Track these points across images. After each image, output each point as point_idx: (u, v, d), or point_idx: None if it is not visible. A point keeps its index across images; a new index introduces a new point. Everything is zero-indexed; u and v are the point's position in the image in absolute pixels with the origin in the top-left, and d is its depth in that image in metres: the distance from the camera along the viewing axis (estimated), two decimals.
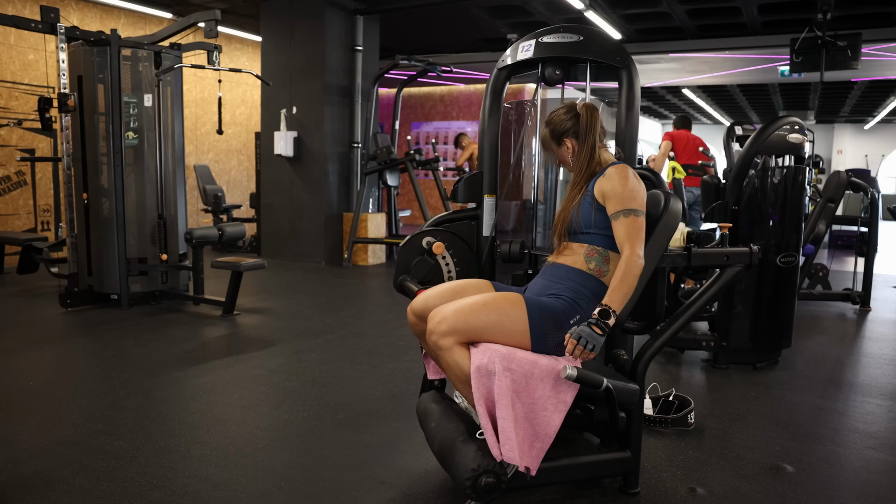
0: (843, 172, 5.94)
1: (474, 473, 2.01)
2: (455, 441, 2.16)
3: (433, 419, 2.38)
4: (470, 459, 2.04)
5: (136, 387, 3.46)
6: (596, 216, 2.28)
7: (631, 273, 2.13)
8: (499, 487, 2.03)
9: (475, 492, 2.02)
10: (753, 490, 2.50)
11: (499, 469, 2.03)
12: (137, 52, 5.32)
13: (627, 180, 2.25)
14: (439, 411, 2.39)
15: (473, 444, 2.10)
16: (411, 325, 2.42)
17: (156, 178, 5.47)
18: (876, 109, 17.61)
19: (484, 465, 2.01)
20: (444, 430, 2.26)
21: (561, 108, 2.47)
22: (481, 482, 2.01)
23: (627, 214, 2.20)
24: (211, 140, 10.27)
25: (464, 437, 2.16)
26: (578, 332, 2.05)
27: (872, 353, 4.59)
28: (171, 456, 2.64)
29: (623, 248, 2.19)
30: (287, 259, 8.16)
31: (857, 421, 3.27)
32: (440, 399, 2.49)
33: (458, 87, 13.14)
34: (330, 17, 7.81)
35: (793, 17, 8.06)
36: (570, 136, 2.42)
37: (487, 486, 2.02)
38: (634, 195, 2.23)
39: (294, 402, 3.29)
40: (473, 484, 2.01)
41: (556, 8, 8.04)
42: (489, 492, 2.02)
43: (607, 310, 2.09)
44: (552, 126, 2.46)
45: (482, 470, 2.01)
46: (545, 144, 2.51)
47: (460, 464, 2.07)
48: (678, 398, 3.22)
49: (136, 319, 4.99)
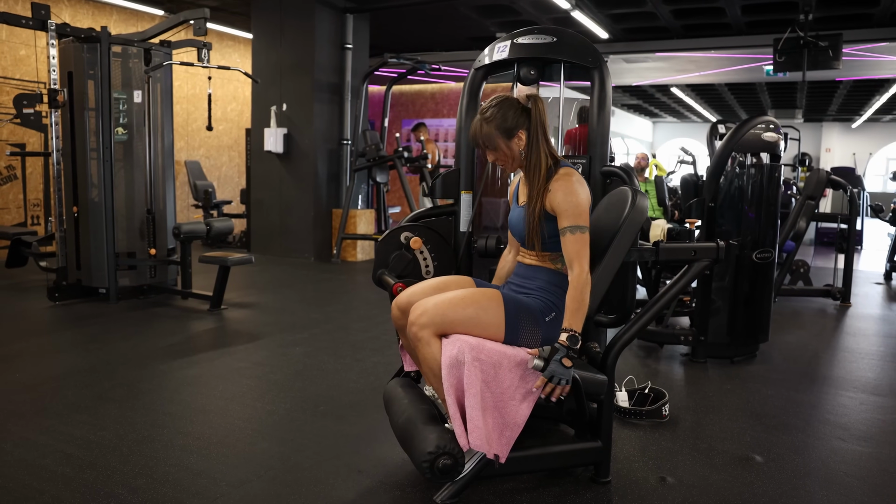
0: (822, 170, 6.03)
1: (431, 455, 2.05)
2: (417, 423, 2.20)
3: (398, 402, 2.42)
4: (429, 441, 2.08)
5: (121, 379, 3.51)
6: (549, 227, 2.28)
7: (584, 293, 2.16)
8: (456, 470, 2.07)
9: (432, 473, 2.05)
10: (722, 479, 2.58)
11: (457, 452, 2.07)
12: (128, 49, 5.37)
13: (573, 194, 2.21)
14: (406, 396, 2.43)
15: (435, 427, 2.13)
16: (394, 319, 2.46)
17: (145, 174, 5.52)
18: (862, 108, 17.75)
19: (443, 446, 2.05)
20: (407, 412, 2.31)
21: (498, 101, 2.30)
22: (439, 463, 2.05)
23: (574, 231, 2.19)
24: (202, 136, 10.30)
25: (426, 419, 2.20)
26: (550, 371, 2.08)
27: (849, 347, 4.68)
28: (154, 445, 2.70)
29: (572, 265, 2.19)
30: (276, 254, 8.21)
31: (829, 413, 3.35)
32: (408, 385, 2.53)
33: (448, 84, 13.18)
34: (320, 15, 7.86)
35: (776, 17, 8.15)
36: (524, 130, 2.29)
37: (445, 468, 2.05)
38: (581, 209, 2.21)
39: (277, 394, 3.35)
40: (431, 465, 2.05)
41: (543, 7, 8.10)
42: (446, 473, 2.06)
43: (574, 335, 2.12)
44: (499, 118, 2.27)
45: (440, 451, 2.05)
46: (486, 142, 2.31)
47: (419, 445, 2.11)
48: (653, 391, 3.29)
49: (123, 313, 5.04)
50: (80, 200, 5.37)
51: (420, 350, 2.23)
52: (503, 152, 2.33)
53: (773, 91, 15.31)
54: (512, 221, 2.48)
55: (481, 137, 2.32)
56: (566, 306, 2.17)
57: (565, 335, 2.12)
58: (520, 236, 2.39)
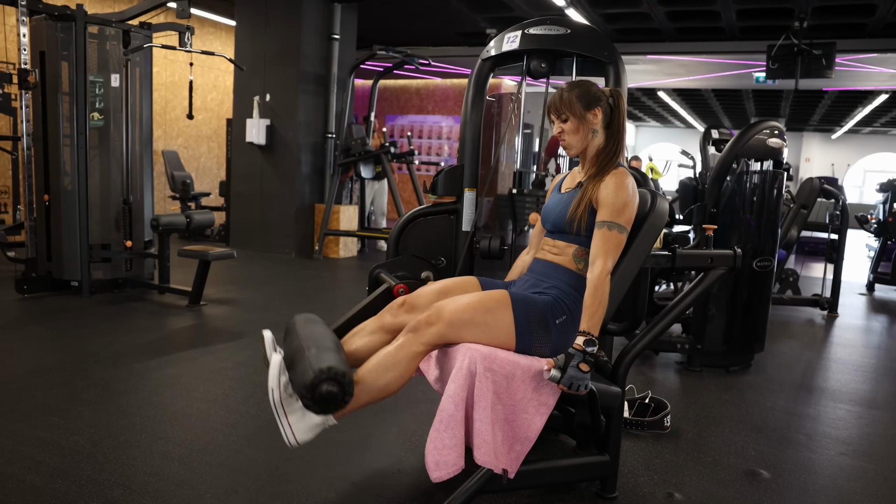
0: (815, 179, 5.98)
1: (322, 374, 1.78)
2: (315, 344, 1.95)
3: (302, 326, 2.18)
4: (323, 360, 1.83)
5: (95, 378, 3.31)
6: (590, 219, 2.17)
7: (604, 292, 2.04)
8: (341, 399, 1.81)
9: (312, 398, 1.80)
10: (730, 496, 2.47)
11: (346, 380, 1.81)
12: (105, 29, 5.14)
13: (624, 191, 2.13)
14: (314, 325, 2.19)
15: (336, 354, 1.91)
16: (389, 313, 2.26)
17: (122, 162, 5.30)
18: (843, 119, 17.93)
19: (328, 371, 1.79)
20: (312, 334, 2.07)
21: (586, 80, 2.29)
22: (322, 389, 1.78)
23: (612, 228, 2.09)
24: (180, 125, 10.04)
25: (331, 345, 1.98)
26: (569, 377, 1.94)
27: (841, 358, 4.62)
28: (132, 452, 2.52)
29: (596, 260, 2.07)
30: (256, 249, 8.01)
31: (829, 427, 3.27)
32: (319, 321, 2.28)
33: (434, 80, 13.02)
34: (307, 4, 7.67)
35: (770, 23, 8.11)
36: (601, 108, 2.24)
37: (328, 395, 1.79)
38: (624, 209, 2.11)
39: (262, 397, 3.17)
40: (312, 390, 1.79)
41: (536, 4, 7.99)
42: (327, 401, 1.80)
43: (591, 339, 1.99)
44: (583, 88, 2.23)
45: (325, 376, 1.78)
46: (565, 108, 2.23)
47: (310, 359, 1.86)
48: (654, 401, 3.18)
49: (96, 308, 4.82)
50: (52, 188, 5.12)
51: (403, 343, 2.04)
52: (576, 123, 2.23)
53: (758, 99, 15.38)
54: (548, 207, 2.35)
55: (560, 102, 2.24)
56: (584, 306, 2.04)
57: (581, 339, 1.98)
58: (554, 222, 2.27)
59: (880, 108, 15.10)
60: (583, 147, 2.26)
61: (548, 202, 2.37)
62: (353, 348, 2.23)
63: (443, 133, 13.10)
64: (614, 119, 2.26)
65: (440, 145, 13.12)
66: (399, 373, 2.02)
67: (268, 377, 1.94)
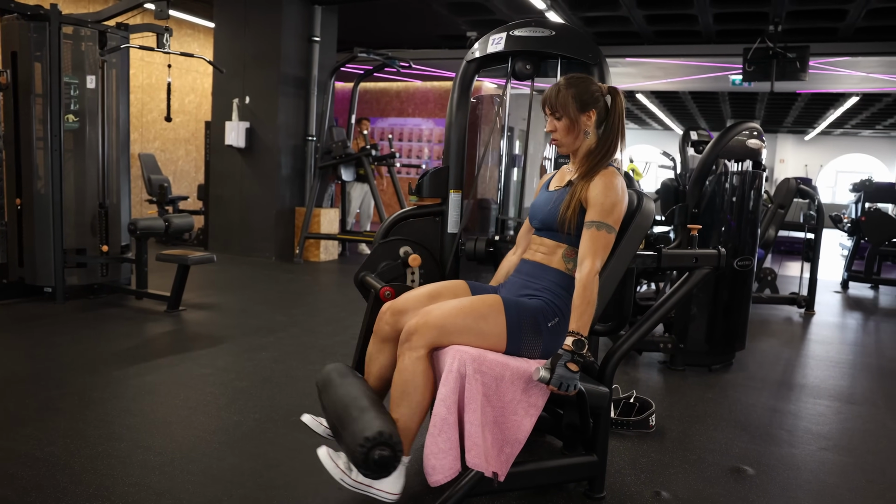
0: (792, 180, 6.06)
1: (369, 443, 1.77)
2: (353, 408, 1.93)
3: (336, 385, 2.16)
4: (365, 427, 1.81)
5: (71, 387, 3.24)
6: (580, 219, 2.16)
7: (593, 292, 2.03)
8: (393, 464, 1.81)
9: (366, 464, 1.79)
10: (716, 493, 2.48)
11: (395, 442, 1.81)
12: (80, 30, 5.05)
13: (613, 191, 2.11)
14: (346, 380, 2.19)
15: (379, 413, 1.90)
16: (381, 322, 2.25)
17: (98, 165, 5.21)
18: (816, 121, 18.19)
19: (384, 434, 1.79)
20: (346, 396, 2.05)
21: (581, 75, 2.25)
22: (375, 454, 1.77)
23: (600, 227, 2.08)
24: (157, 128, 9.92)
25: (369, 404, 1.96)
26: (558, 377, 1.92)
27: (819, 355, 4.68)
28: (111, 462, 2.46)
29: (584, 260, 2.06)
30: (236, 253, 7.92)
31: (810, 423, 3.30)
32: (348, 372, 2.29)
33: (414, 83, 13.01)
34: (287, 6, 7.61)
35: (746, 27, 8.21)
36: (596, 110, 2.21)
37: (382, 460, 1.78)
38: (613, 209, 2.10)
39: (244, 403, 3.14)
40: (366, 454, 1.78)
41: (517, 7, 8.00)
42: (382, 466, 1.79)
43: (581, 339, 1.98)
44: (581, 88, 2.19)
45: (377, 441, 1.77)
46: (558, 107, 2.19)
47: (356, 430, 1.83)
48: (639, 400, 3.19)
49: (72, 314, 4.73)
50: (25, 192, 5.02)
51: (403, 361, 2.04)
52: (569, 123, 2.20)
53: (734, 101, 15.55)
54: (536, 205, 2.32)
55: (556, 100, 2.20)
56: (573, 306, 2.03)
57: (570, 339, 1.97)
58: (542, 220, 2.25)
59: (851, 111, 15.34)
60: (574, 147, 2.25)
61: (536, 200, 2.35)
62: (376, 373, 2.27)
63: (423, 136, 13.09)
64: (609, 119, 2.23)
65: (420, 148, 13.10)
66: (419, 385, 2.02)
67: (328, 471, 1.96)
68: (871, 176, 10.46)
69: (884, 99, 13.47)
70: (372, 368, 2.27)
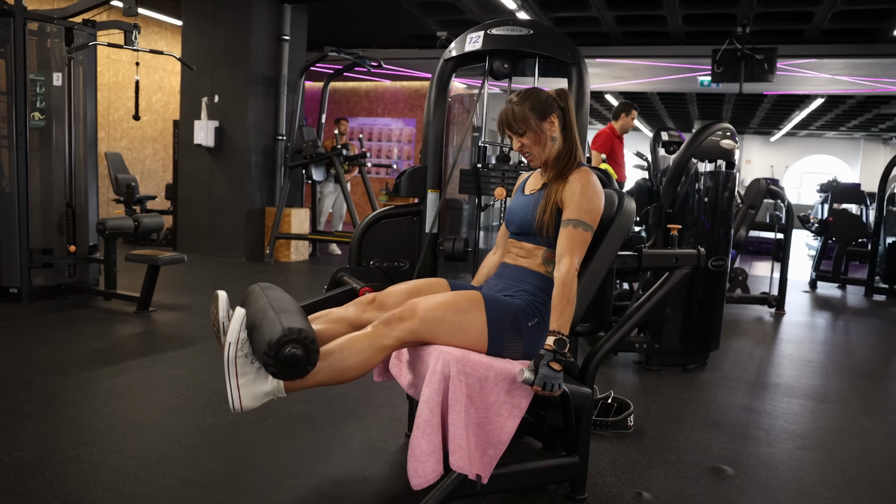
0: (763, 180, 6.13)
1: (286, 335, 1.70)
2: (272, 308, 1.85)
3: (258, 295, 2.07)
4: (286, 321, 1.74)
5: (39, 390, 3.16)
6: (557, 221, 2.16)
7: (572, 290, 2.02)
8: (304, 364, 1.74)
9: (276, 358, 1.71)
10: (697, 493, 2.49)
11: (311, 344, 1.74)
12: (46, 26, 4.93)
13: (589, 189, 2.12)
14: (271, 290, 2.09)
15: (298, 315, 1.83)
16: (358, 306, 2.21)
17: (65, 164, 5.09)
18: (782, 122, 18.52)
19: (298, 332, 1.72)
20: (272, 299, 1.96)
21: (526, 89, 2.25)
22: (287, 350, 1.70)
23: (577, 225, 2.08)
24: (124, 127, 9.73)
25: (292, 308, 1.89)
26: (542, 377, 1.91)
27: (791, 354, 4.74)
28: (82, 467, 2.39)
29: (562, 258, 2.06)
30: (205, 253, 7.80)
31: (786, 422, 3.34)
32: (275, 287, 2.18)
33: (384, 83, 12.96)
34: (256, 4, 7.52)
35: (714, 28, 8.31)
36: (556, 115, 2.23)
37: (292, 358, 1.71)
38: (592, 207, 2.11)
39: (218, 405, 3.08)
40: (277, 348, 1.70)
41: (487, 7, 8.01)
42: (290, 364, 1.72)
43: (562, 338, 1.97)
44: (534, 99, 2.19)
45: (293, 336, 1.71)
46: (518, 124, 2.19)
47: (270, 326, 1.75)
48: (617, 400, 3.19)
49: (38, 315, 4.62)
50: None
51: (371, 331, 1.98)
52: (534, 135, 2.21)
53: (701, 102, 15.75)
54: (512, 209, 2.32)
55: (514, 119, 2.20)
56: (552, 305, 2.02)
57: (552, 339, 1.96)
58: (519, 224, 2.24)
59: (816, 112, 15.64)
60: (546, 156, 2.25)
61: (512, 203, 2.35)
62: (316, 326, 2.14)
63: (393, 136, 13.04)
64: (567, 120, 2.25)
65: (390, 148, 13.06)
66: (362, 360, 1.96)
67: (227, 330, 1.85)
68: (837, 177, 10.67)
69: (848, 101, 13.75)
70: (317, 325, 2.17)
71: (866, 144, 21.67)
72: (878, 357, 4.88)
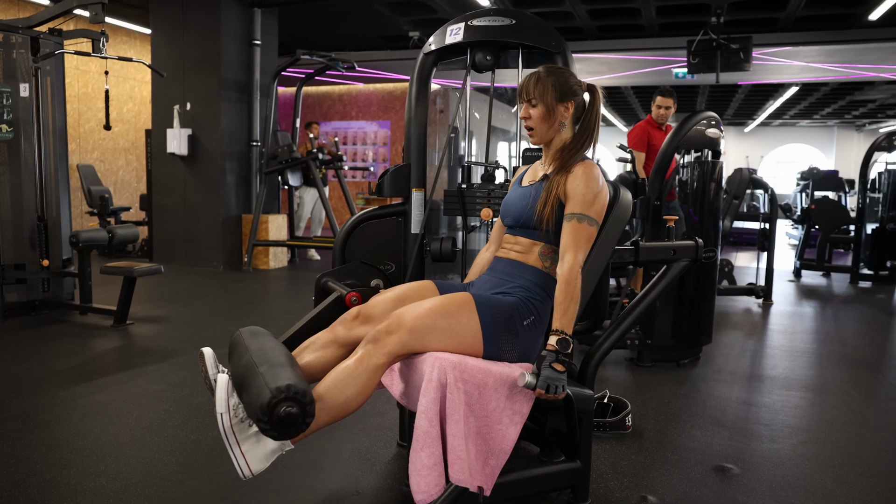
0: (745, 170, 6.11)
1: (278, 394, 1.59)
2: (263, 363, 1.74)
3: (246, 343, 1.94)
4: (277, 377, 1.64)
5: (13, 410, 3.01)
6: (559, 215, 2.06)
7: (576, 289, 1.94)
8: (302, 421, 1.63)
9: (270, 422, 1.60)
10: (704, 495, 2.40)
11: (307, 401, 1.63)
12: (11, 36, 4.78)
13: (593, 182, 2.03)
14: (258, 338, 1.97)
15: (289, 369, 1.72)
16: (342, 324, 2.08)
17: (35, 177, 4.93)
18: (756, 113, 18.63)
19: (288, 389, 1.61)
20: (258, 351, 1.84)
21: (566, 69, 2.19)
22: (280, 410, 1.59)
23: (582, 220, 1.99)
24: (96, 138, 9.52)
25: (283, 360, 1.78)
26: (545, 378, 1.83)
27: (783, 345, 4.70)
28: (60, 491, 2.26)
29: (566, 253, 1.97)
30: (182, 263, 7.63)
31: (787, 416, 3.27)
32: (263, 332, 2.07)
33: (357, 86, 12.83)
34: (225, 9, 7.37)
35: (688, 19, 8.28)
36: (574, 103, 2.13)
37: (288, 417, 1.60)
38: (595, 200, 2.02)
39: (201, 420, 2.95)
40: (269, 412, 1.59)
41: (459, 5, 7.92)
42: (286, 424, 1.61)
43: (565, 338, 1.88)
44: (562, 78, 2.11)
45: (287, 395, 1.60)
46: (536, 93, 2.10)
47: (262, 383, 1.65)
48: (613, 400, 3.11)
49: (12, 332, 4.45)
50: None
51: (361, 355, 1.86)
52: (545, 111, 2.11)
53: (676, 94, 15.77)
54: (509, 202, 2.22)
55: (534, 86, 2.11)
56: (555, 303, 1.93)
57: (554, 338, 1.88)
58: (516, 217, 2.14)
59: (790, 101, 15.73)
60: (548, 138, 2.15)
61: (508, 196, 2.24)
62: (304, 363, 2.02)
63: (367, 139, 12.93)
64: (587, 116, 2.16)
65: (365, 151, 12.94)
66: (360, 388, 1.85)
67: (215, 401, 1.75)
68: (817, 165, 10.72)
69: (822, 88, 13.83)
70: (305, 356, 2.05)
71: (840, 132, 21.88)
72: (871, 345, 4.85)
